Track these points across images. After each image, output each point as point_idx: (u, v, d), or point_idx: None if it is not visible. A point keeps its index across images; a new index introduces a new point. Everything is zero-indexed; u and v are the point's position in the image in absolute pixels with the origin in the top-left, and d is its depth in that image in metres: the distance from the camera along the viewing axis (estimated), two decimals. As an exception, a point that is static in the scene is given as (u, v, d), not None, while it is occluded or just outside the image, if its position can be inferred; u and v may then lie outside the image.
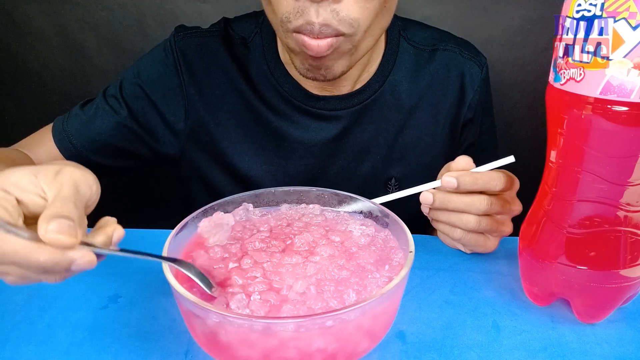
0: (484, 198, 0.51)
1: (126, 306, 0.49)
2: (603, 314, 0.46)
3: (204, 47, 0.69)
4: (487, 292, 0.51)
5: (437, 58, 0.72)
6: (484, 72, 0.74)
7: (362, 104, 0.69)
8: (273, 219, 0.50)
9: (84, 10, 1.16)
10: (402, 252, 0.45)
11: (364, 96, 0.69)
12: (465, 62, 0.73)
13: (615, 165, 0.39)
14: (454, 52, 0.73)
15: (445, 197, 0.53)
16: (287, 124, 0.69)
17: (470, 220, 0.52)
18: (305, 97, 0.68)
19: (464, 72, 0.72)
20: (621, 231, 0.41)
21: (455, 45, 0.73)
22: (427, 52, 0.72)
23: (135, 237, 0.57)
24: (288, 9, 0.53)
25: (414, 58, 0.71)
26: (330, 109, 0.68)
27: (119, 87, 0.69)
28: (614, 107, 0.37)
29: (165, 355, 0.42)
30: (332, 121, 0.69)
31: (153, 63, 0.70)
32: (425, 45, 0.72)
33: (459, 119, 0.74)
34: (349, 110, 0.69)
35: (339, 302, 0.38)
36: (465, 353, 0.43)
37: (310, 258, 0.43)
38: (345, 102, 0.69)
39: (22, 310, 0.48)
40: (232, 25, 0.72)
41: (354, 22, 0.53)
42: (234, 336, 0.35)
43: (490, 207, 0.51)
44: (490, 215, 0.53)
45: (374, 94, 0.69)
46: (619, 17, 0.35)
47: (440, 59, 0.72)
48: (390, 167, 0.73)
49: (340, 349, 0.36)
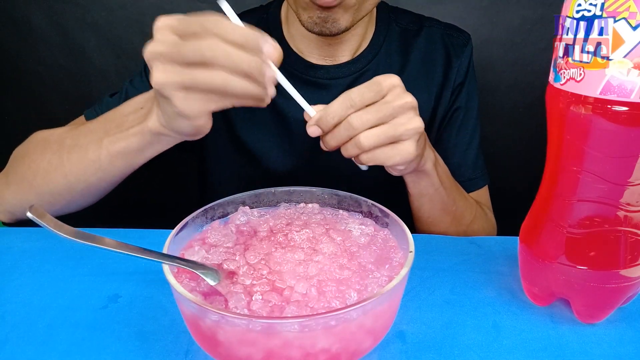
0: (353, 117, 0.49)
1: (126, 306, 0.49)
2: (603, 314, 0.46)
3: None
4: (487, 292, 0.51)
5: (423, 33, 0.79)
6: (469, 45, 0.80)
7: (358, 72, 0.74)
8: (272, 218, 0.50)
9: (84, 10, 1.16)
10: (402, 251, 0.45)
11: (360, 65, 0.74)
12: (450, 36, 0.79)
13: (615, 165, 0.39)
14: (438, 28, 0.80)
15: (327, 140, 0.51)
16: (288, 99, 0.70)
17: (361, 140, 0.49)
18: (305, 67, 0.73)
19: (448, 45, 0.79)
20: (621, 231, 0.41)
21: (439, 24, 0.81)
22: (414, 31, 0.79)
23: (135, 237, 0.57)
24: None
25: (403, 35, 0.78)
26: (330, 77, 0.73)
27: (143, 73, 0.73)
28: (614, 107, 0.37)
29: (165, 355, 0.42)
30: (331, 89, 0.73)
31: None
32: (412, 25, 0.79)
33: (449, 84, 0.78)
34: (347, 78, 0.73)
35: (341, 302, 0.38)
36: (465, 353, 0.43)
37: (313, 256, 0.43)
38: (343, 70, 0.73)
39: (22, 310, 0.48)
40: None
41: None
42: (234, 336, 0.35)
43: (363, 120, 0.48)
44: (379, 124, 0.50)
45: (368, 63, 0.74)
46: (619, 17, 0.35)
47: (426, 34, 0.79)
48: None
49: (342, 348, 0.36)
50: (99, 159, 0.55)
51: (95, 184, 0.58)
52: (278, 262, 0.42)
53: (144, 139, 0.52)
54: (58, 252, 0.57)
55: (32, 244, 0.59)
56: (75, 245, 0.35)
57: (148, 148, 0.53)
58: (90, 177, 0.57)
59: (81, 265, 0.55)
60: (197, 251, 0.44)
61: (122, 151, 0.54)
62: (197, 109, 0.44)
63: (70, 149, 0.58)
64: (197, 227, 0.48)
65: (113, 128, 0.55)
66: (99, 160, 0.55)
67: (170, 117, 0.47)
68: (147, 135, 0.51)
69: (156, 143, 0.53)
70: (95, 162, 0.56)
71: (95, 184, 0.58)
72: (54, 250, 0.58)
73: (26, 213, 0.35)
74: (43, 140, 0.63)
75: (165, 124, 0.48)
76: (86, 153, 0.56)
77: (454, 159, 0.79)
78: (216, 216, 0.50)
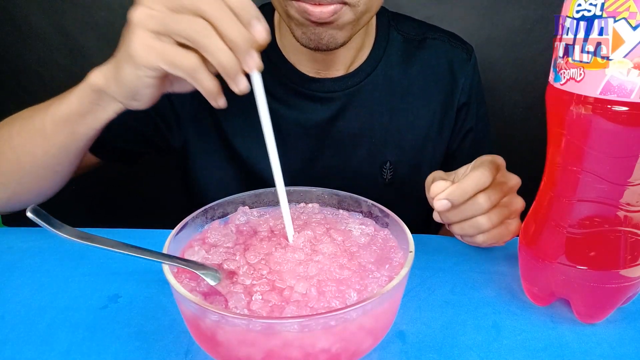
0: (481, 196, 0.51)
1: (126, 306, 0.49)
2: (603, 314, 0.46)
3: None
4: (487, 292, 0.51)
5: (426, 46, 0.75)
6: (472, 59, 0.77)
7: (356, 86, 0.71)
8: (272, 218, 0.50)
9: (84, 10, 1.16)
10: (402, 251, 0.45)
11: (358, 78, 0.71)
12: (453, 49, 0.76)
13: (615, 165, 0.39)
14: (442, 40, 0.76)
15: (448, 215, 0.53)
16: (282, 106, 0.71)
17: (482, 221, 0.52)
18: (300, 79, 0.70)
19: (452, 59, 0.75)
20: (621, 231, 0.41)
21: (444, 34, 0.77)
22: (416, 41, 0.75)
23: (135, 237, 0.57)
24: None
25: (404, 45, 0.74)
26: (325, 91, 0.70)
27: None
28: (614, 107, 0.37)
29: (165, 355, 0.42)
30: (326, 103, 0.71)
31: None
32: (414, 34, 0.75)
33: (453, 103, 0.76)
34: (343, 92, 0.71)
35: (341, 302, 0.38)
36: (465, 353, 0.43)
37: (313, 256, 0.43)
38: (339, 84, 0.70)
39: (22, 310, 0.48)
40: None
41: None
42: (234, 336, 0.35)
43: (491, 201, 0.51)
44: (497, 205, 0.52)
45: (367, 76, 0.72)
46: (619, 17, 0.35)
47: (430, 47, 0.75)
48: (386, 151, 0.74)
49: (342, 348, 0.36)
50: (44, 126, 0.55)
51: (40, 157, 0.57)
52: (278, 262, 0.42)
53: (84, 98, 0.51)
54: (58, 252, 0.57)
55: (32, 244, 0.59)
56: (75, 245, 0.35)
57: (89, 112, 0.52)
58: (36, 148, 0.56)
59: (81, 265, 0.55)
60: (197, 251, 0.44)
61: (63, 116, 0.53)
62: (152, 58, 0.42)
63: (22, 121, 0.58)
64: (197, 227, 0.48)
65: (61, 96, 0.55)
66: (44, 129, 0.55)
67: (119, 62, 0.46)
68: (87, 92, 0.51)
69: (96, 106, 0.51)
70: (40, 131, 0.55)
71: (41, 157, 0.57)
72: (54, 250, 0.58)
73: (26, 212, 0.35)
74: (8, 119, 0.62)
75: (110, 76, 0.48)
76: (33, 123, 0.56)
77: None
78: (216, 216, 0.50)
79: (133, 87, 0.47)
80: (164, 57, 0.42)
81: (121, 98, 0.49)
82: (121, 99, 0.49)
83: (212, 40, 0.40)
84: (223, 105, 0.45)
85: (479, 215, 0.52)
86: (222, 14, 0.40)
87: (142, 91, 0.47)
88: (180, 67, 0.42)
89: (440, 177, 0.55)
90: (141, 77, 0.45)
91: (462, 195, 0.50)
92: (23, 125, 0.57)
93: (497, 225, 0.53)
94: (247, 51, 0.41)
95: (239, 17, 0.41)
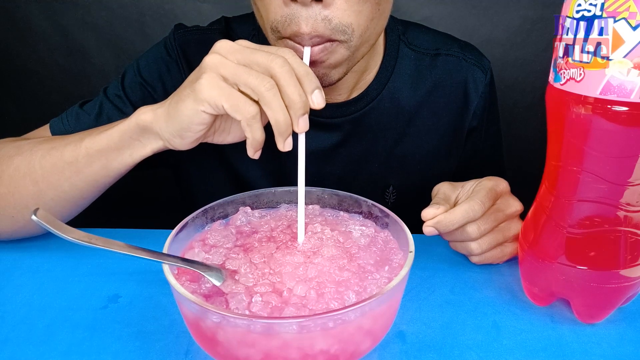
0: (470, 226, 0.51)
1: (126, 306, 0.49)
2: (603, 314, 0.46)
3: (205, 43, 0.68)
4: (487, 292, 0.51)
5: (439, 64, 0.69)
6: (487, 77, 0.71)
7: (359, 112, 0.67)
8: (272, 219, 0.50)
9: (84, 10, 1.16)
10: (402, 252, 0.45)
11: (362, 104, 0.67)
12: (468, 67, 0.70)
13: (615, 165, 0.39)
14: (457, 57, 0.70)
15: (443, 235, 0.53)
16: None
17: (473, 246, 0.52)
18: None
19: (467, 79, 0.70)
20: (621, 231, 0.41)
21: (459, 50, 0.71)
22: (429, 57, 0.69)
23: (135, 237, 0.57)
24: (277, 17, 0.50)
25: (415, 63, 0.69)
26: (329, 116, 0.66)
27: (120, 86, 0.68)
28: (614, 107, 0.37)
29: (165, 355, 0.42)
30: (328, 130, 0.67)
31: (154, 61, 0.69)
32: (426, 49, 0.70)
33: (463, 127, 0.72)
34: (346, 118, 0.67)
35: (340, 303, 0.38)
36: (465, 353, 0.43)
37: (313, 258, 0.43)
38: (341, 110, 0.66)
39: (22, 310, 0.48)
40: (232, 25, 0.71)
41: (348, 28, 0.50)
42: (233, 337, 0.35)
43: (480, 231, 0.51)
44: (490, 231, 0.52)
45: (372, 101, 0.67)
46: (619, 17, 0.35)
47: (443, 65, 0.69)
48: (389, 176, 0.72)
49: (341, 349, 0.36)
50: (77, 160, 0.53)
51: (66, 191, 0.55)
52: (278, 264, 0.42)
53: (126, 133, 0.51)
54: (58, 252, 0.57)
55: (32, 244, 0.59)
56: (75, 245, 0.35)
57: (127, 148, 0.52)
58: (63, 182, 0.54)
59: (81, 265, 0.55)
60: (197, 252, 0.44)
61: (100, 149, 0.52)
62: (217, 95, 0.44)
63: (45, 152, 0.55)
64: (197, 228, 0.48)
65: (96, 130, 0.54)
66: (76, 162, 0.53)
67: (178, 98, 0.47)
68: (132, 127, 0.50)
69: (136, 142, 0.51)
70: (72, 165, 0.53)
71: (67, 191, 0.55)
72: (54, 250, 0.58)
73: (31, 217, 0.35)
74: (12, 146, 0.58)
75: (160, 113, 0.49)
76: (62, 155, 0.53)
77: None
78: (216, 216, 0.50)
79: (187, 122, 0.47)
80: (229, 98, 0.44)
81: (167, 135, 0.49)
82: (167, 135, 0.49)
83: (276, 97, 0.43)
84: (257, 157, 0.47)
85: (468, 241, 0.52)
86: (289, 77, 0.43)
87: (193, 128, 0.47)
88: (241, 111, 0.44)
89: (444, 193, 0.54)
90: (199, 112, 0.46)
91: (448, 226, 0.50)
92: (47, 156, 0.54)
93: (488, 251, 0.53)
94: (303, 114, 0.44)
95: (302, 83, 0.44)
